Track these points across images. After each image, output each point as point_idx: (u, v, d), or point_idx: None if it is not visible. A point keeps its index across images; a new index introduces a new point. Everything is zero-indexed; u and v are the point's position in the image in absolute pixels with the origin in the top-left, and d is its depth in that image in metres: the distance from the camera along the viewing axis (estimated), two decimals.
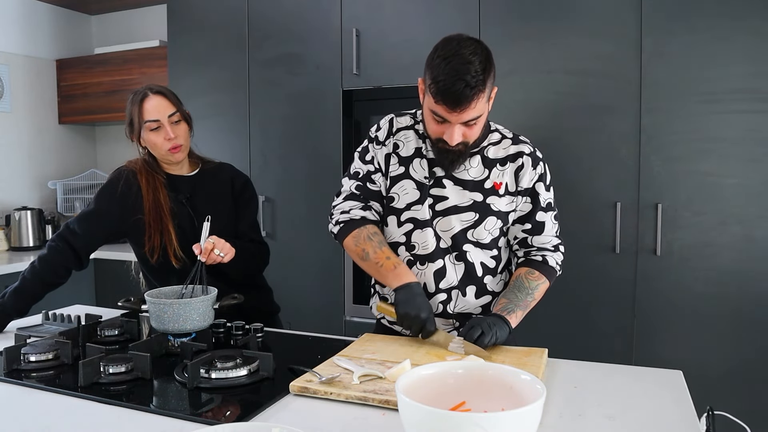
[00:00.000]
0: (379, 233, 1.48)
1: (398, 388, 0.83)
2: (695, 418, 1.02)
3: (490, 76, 1.30)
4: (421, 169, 1.46)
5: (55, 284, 1.67)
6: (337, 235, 1.51)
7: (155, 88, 1.68)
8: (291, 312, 2.39)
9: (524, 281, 1.44)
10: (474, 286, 1.47)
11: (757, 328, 2.14)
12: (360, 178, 1.51)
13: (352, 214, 1.49)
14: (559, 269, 1.50)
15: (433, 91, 1.28)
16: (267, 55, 2.87)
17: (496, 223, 1.45)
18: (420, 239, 1.46)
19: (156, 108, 1.65)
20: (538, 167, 1.47)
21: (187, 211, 1.71)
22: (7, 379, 1.22)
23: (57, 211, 3.76)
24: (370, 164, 1.50)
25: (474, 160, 1.45)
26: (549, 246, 1.48)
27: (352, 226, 1.48)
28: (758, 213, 2.11)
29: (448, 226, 1.45)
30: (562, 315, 2.35)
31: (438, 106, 1.29)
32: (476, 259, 1.46)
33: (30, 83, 3.69)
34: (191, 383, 1.16)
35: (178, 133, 1.67)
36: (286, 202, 2.89)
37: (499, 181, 1.45)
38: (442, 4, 2.50)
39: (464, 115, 1.29)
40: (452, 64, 1.25)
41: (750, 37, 2.08)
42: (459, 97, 1.25)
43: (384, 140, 1.50)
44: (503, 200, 1.45)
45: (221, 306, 1.48)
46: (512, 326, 1.36)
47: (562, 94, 2.34)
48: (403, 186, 1.47)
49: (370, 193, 1.50)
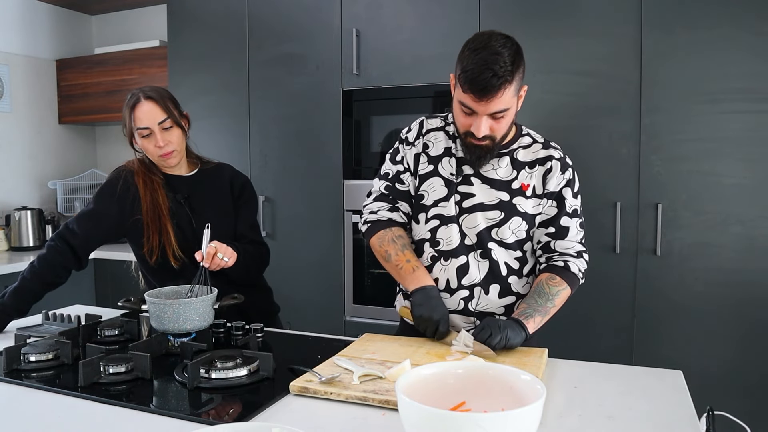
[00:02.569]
0: (404, 236, 1.50)
1: (398, 388, 0.83)
2: (695, 418, 1.02)
3: (519, 71, 1.31)
4: (450, 166, 1.47)
5: (55, 284, 1.67)
6: (365, 234, 1.55)
7: (147, 92, 1.64)
8: (291, 312, 2.39)
9: (545, 287, 1.42)
10: (498, 285, 1.47)
11: (758, 328, 2.14)
12: (389, 179, 1.53)
13: (379, 215, 1.52)
14: (581, 277, 1.47)
15: (462, 80, 1.30)
16: (267, 55, 2.87)
17: (521, 224, 1.45)
18: (444, 235, 1.46)
19: (146, 115, 1.62)
20: (567, 172, 1.46)
21: (185, 211, 1.71)
22: (7, 379, 1.22)
23: (57, 211, 3.75)
24: (400, 164, 1.52)
25: (503, 161, 1.46)
26: (572, 252, 1.46)
27: (378, 226, 1.51)
28: (758, 213, 2.11)
29: (474, 222, 1.45)
30: (562, 315, 2.34)
31: (466, 96, 1.31)
32: (501, 258, 1.46)
33: (30, 83, 3.69)
34: (191, 383, 1.16)
35: (169, 140, 1.65)
36: (286, 202, 2.89)
37: (526, 183, 1.45)
38: (442, 5, 2.50)
39: (491, 105, 1.30)
40: (481, 55, 1.28)
41: (750, 37, 2.08)
42: (486, 86, 1.27)
43: (414, 141, 1.52)
44: (530, 202, 1.45)
45: (221, 306, 1.48)
46: (530, 331, 1.34)
47: (562, 94, 2.34)
48: (432, 183, 1.48)
49: (399, 193, 1.52)
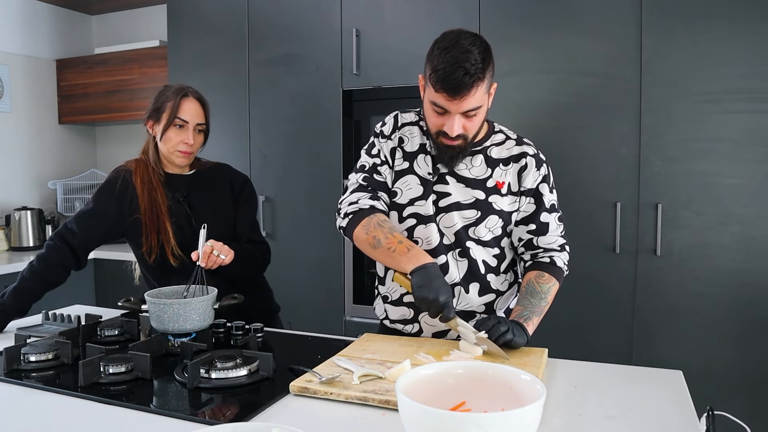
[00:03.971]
0: (389, 221, 1.44)
1: (398, 388, 0.83)
2: (695, 418, 1.02)
3: (489, 67, 1.31)
4: (426, 165, 1.46)
5: (54, 283, 1.67)
6: (346, 228, 1.45)
7: (196, 93, 1.72)
8: (291, 312, 2.39)
9: (536, 286, 1.43)
10: (477, 284, 1.47)
11: (757, 328, 2.14)
12: (367, 170, 1.49)
13: (360, 203, 1.44)
14: (566, 269, 1.50)
15: (433, 80, 1.29)
16: (267, 55, 2.87)
17: (497, 222, 1.45)
18: (423, 234, 1.46)
19: (192, 110, 1.68)
20: (542, 168, 1.47)
21: (184, 209, 1.72)
22: (7, 379, 1.22)
23: (57, 211, 3.75)
24: (377, 157, 1.50)
25: (476, 159, 1.45)
26: (555, 246, 1.48)
27: (362, 215, 1.42)
28: (758, 213, 2.11)
29: (451, 222, 1.44)
30: (562, 315, 2.35)
31: (438, 96, 1.30)
32: (479, 256, 1.46)
33: (30, 83, 3.69)
34: (191, 383, 1.16)
35: (196, 142, 1.71)
36: (286, 202, 2.89)
37: (501, 181, 1.45)
38: (442, 5, 2.50)
39: (464, 103, 1.30)
40: (452, 53, 1.27)
41: (750, 37, 2.08)
42: (458, 84, 1.27)
43: (389, 134, 1.50)
44: (505, 200, 1.45)
45: (221, 306, 1.48)
46: (529, 333, 1.35)
47: (561, 94, 2.34)
48: (407, 181, 1.47)
49: (378, 183, 1.48)
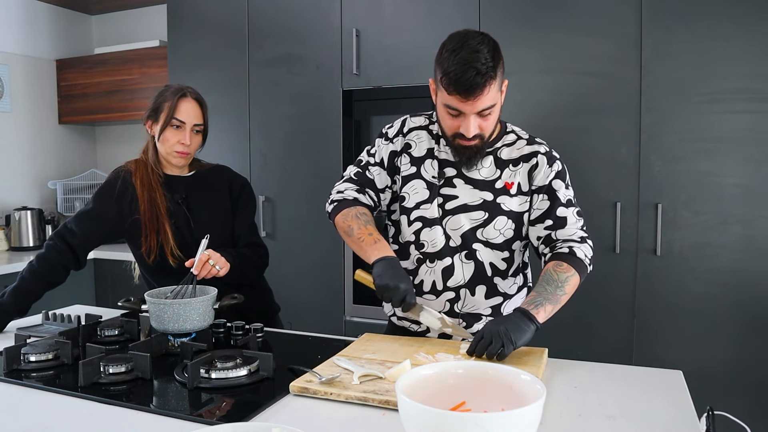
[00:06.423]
0: (368, 214, 1.50)
1: (398, 388, 0.83)
2: (695, 418, 1.02)
3: (499, 65, 1.32)
4: (432, 169, 1.47)
5: (54, 283, 1.67)
6: (330, 213, 1.55)
7: (194, 93, 1.72)
8: (291, 312, 2.39)
9: (552, 274, 1.36)
10: (484, 286, 1.46)
11: (757, 328, 2.14)
12: (361, 166, 1.55)
13: (346, 194, 1.53)
14: (589, 263, 1.41)
15: (445, 83, 1.29)
16: (267, 55, 2.87)
17: (507, 223, 1.44)
18: (429, 237, 1.46)
19: (189, 111, 1.68)
20: (555, 165, 1.45)
21: (183, 211, 1.72)
22: (7, 379, 1.22)
23: (57, 211, 3.75)
24: (372, 157, 1.54)
25: (486, 161, 1.45)
26: (575, 237, 1.42)
27: (344, 204, 1.51)
28: (758, 213, 2.11)
29: (458, 224, 1.44)
30: (562, 315, 2.34)
31: (452, 98, 1.30)
32: (486, 258, 1.45)
33: (30, 83, 3.69)
34: (191, 383, 1.16)
35: (193, 143, 1.70)
36: (286, 202, 2.89)
37: (510, 181, 1.44)
38: (442, 5, 2.50)
39: (478, 103, 1.30)
40: (461, 55, 1.27)
41: (750, 37, 2.08)
42: (471, 84, 1.27)
43: (392, 137, 1.52)
44: (515, 200, 1.44)
45: (221, 306, 1.48)
46: (540, 321, 1.28)
47: (561, 94, 2.34)
48: (414, 186, 1.48)
49: (367, 180, 1.53)
